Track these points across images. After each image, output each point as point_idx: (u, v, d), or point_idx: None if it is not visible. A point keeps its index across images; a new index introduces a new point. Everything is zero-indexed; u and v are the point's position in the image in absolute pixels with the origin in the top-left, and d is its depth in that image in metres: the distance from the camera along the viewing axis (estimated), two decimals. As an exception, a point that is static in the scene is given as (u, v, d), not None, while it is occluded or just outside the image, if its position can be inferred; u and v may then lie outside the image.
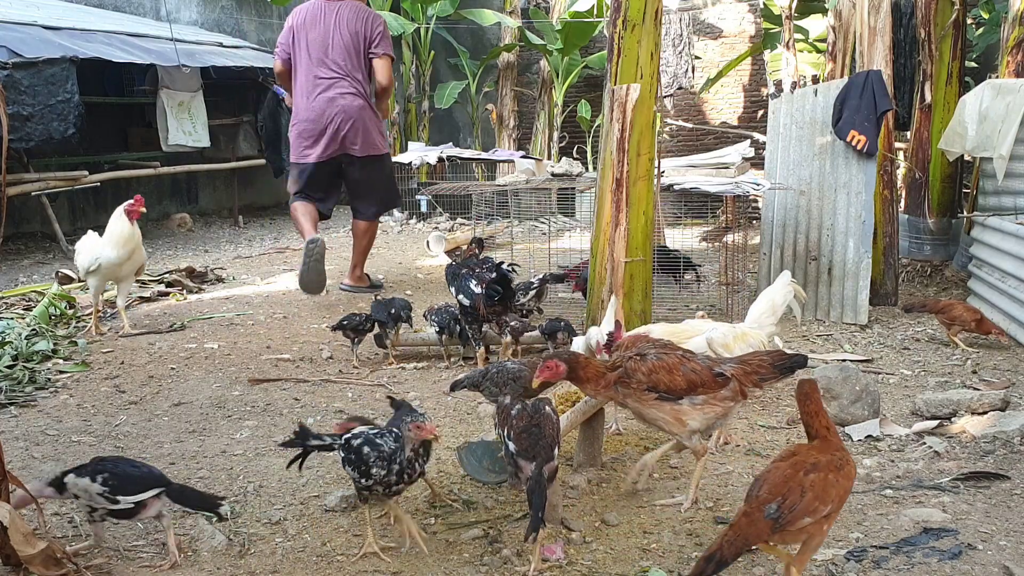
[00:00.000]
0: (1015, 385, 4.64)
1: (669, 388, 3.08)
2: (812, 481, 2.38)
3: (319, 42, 6.53)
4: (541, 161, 11.27)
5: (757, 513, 2.34)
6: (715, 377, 3.10)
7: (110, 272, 5.64)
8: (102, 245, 5.65)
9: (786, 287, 4.55)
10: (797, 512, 2.34)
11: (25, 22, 8.59)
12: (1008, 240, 5.77)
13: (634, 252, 4.95)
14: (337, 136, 6.56)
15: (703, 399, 3.10)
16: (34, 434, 4.01)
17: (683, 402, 3.10)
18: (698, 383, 3.08)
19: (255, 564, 2.86)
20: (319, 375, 4.93)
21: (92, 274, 5.60)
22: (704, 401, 3.10)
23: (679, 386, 3.08)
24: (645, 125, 4.93)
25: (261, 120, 11.37)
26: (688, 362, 3.13)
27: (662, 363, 3.10)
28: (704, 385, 3.09)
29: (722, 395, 3.12)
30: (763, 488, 2.39)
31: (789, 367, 3.16)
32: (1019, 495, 3.27)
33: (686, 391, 3.08)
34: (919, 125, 7.84)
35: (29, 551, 2.59)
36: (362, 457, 2.80)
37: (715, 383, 3.10)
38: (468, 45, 14.38)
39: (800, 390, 2.61)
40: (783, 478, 2.40)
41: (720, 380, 3.10)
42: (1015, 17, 7.36)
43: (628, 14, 4.89)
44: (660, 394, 3.08)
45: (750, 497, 2.41)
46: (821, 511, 2.37)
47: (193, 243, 10.02)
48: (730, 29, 14.57)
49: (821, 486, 2.38)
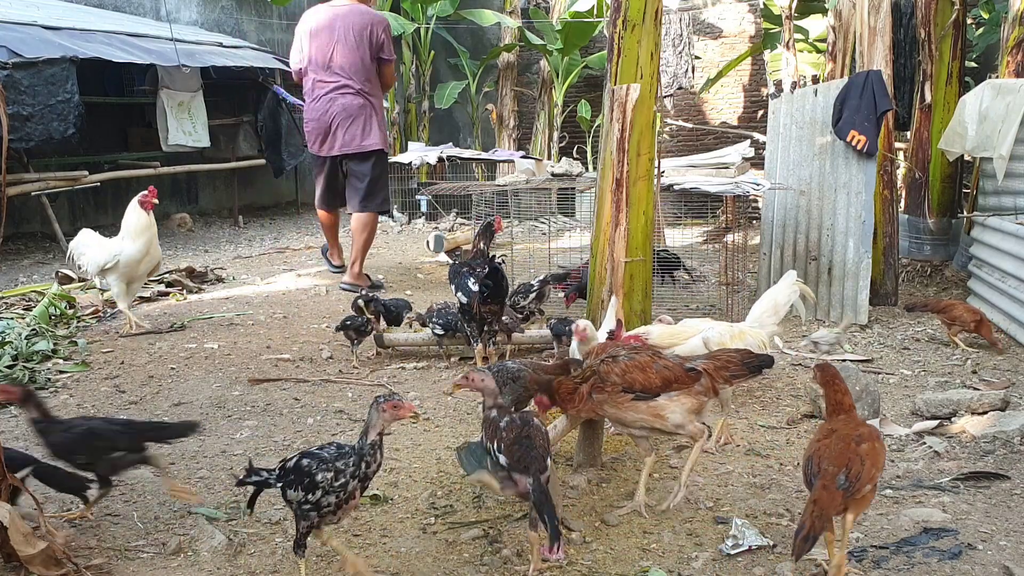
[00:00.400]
0: (1015, 385, 4.64)
1: (644, 387, 3.11)
2: (865, 451, 2.55)
3: (324, 48, 6.77)
4: (541, 161, 11.26)
5: (831, 485, 2.47)
6: (687, 372, 3.15)
7: (130, 269, 5.49)
8: (120, 239, 5.51)
9: (791, 287, 4.55)
10: (862, 480, 2.49)
11: (25, 22, 8.58)
12: (1008, 240, 5.77)
13: (634, 252, 4.95)
14: (338, 133, 6.86)
15: (678, 393, 3.14)
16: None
17: (659, 399, 3.13)
18: (672, 379, 3.13)
19: (255, 564, 2.86)
20: (319, 375, 4.93)
21: (110, 272, 5.45)
22: (679, 395, 3.15)
23: (654, 383, 3.11)
24: (645, 125, 4.93)
25: (261, 120, 11.38)
26: (659, 359, 3.18)
27: (634, 362, 3.14)
28: (678, 381, 3.13)
29: (695, 389, 3.16)
30: (825, 462, 2.53)
31: (757, 366, 3.22)
32: (1019, 495, 3.27)
33: (661, 388, 3.12)
34: (919, 125, 7.84)
35: (29, 551, 2.59)
36: (301, 470, 2.54)
37: (688, 378, 3.14)
38: (468, 45, 14.38)
39: (825, 374, 2.83)
40: (840, 451, 2.54)
41: (692, 375, 3.15)
42: (1015, 17, 7.36)
43: (628, 14, 4.88)
44: (636, 394, 3.11)
45: (815, 473, 2.53)
46: (876, 478, 2.56)
47: (193, 243, 10.02)
48: (730, 29, 14.57)
49: (872, 455, 2.55)
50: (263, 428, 4.12)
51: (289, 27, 13.47)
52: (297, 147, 11.71)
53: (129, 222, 5.59)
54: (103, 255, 5.51)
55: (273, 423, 4.19)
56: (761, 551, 2.87)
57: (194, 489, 3.32)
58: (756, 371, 3.25)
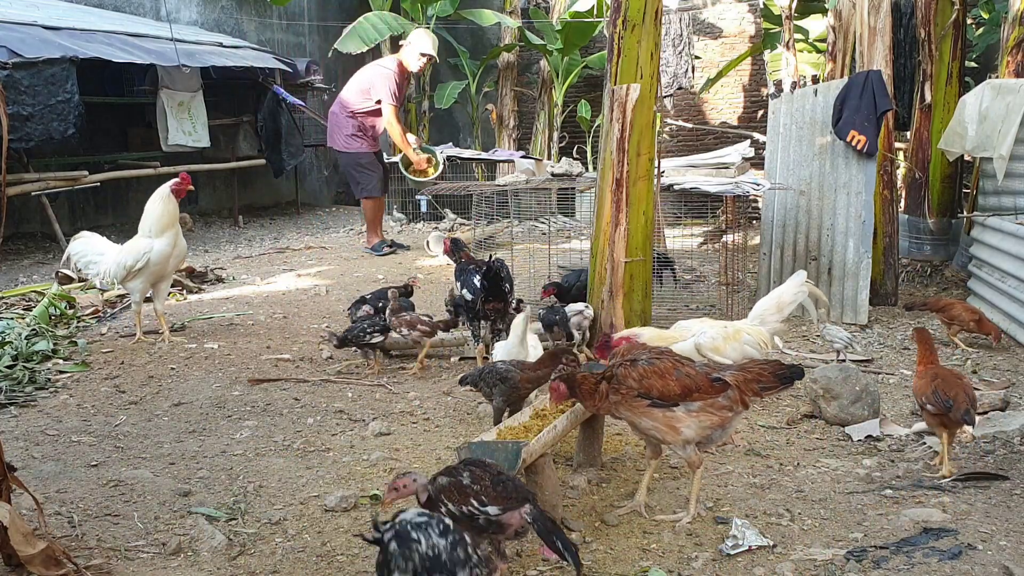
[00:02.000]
0: (1015, 385, 4.64)
1: (662, 394, 2.98)
2: (968, 383, 3.62)
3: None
4: (541, 161, 11.25)
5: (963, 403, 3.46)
6: (712, 383, 3.00)
7: (160, 267, 5.08)
8: (145, 236, 5.07)
9: (799, 287, 4.41)
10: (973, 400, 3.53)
11: (25, 22, 8.58)
12: (1008, 240, 5.77)
13: (634, 252, 4.95)
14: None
15: (699, 406, 2.99)
16: (34, 434, 4.01)
17: (677, 409, 2.99)
18: (693, 388, 2.98)
19: (255, 564, 2.86)
20: (319, 375, 4.93)
21: (138, 274, 5.06)
22: (700, 408, 2.99)
23: (672, 391, 2.98)
24: (645, 125, 4.93)
25: (261, 120, 11.37)
26: (683, 367, 3.04)
27: (653, 368, 3.00)
28: (700, 390, 2.98)
29: (719, 403, 3.01)
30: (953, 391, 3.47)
31: (789, 377, 3.09)
32: (1019, 495, 3.27)
33: (680, 396, 2.98)
34: (919, 125, 7.84)
35: (29, 551, 2.59)
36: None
37: (712, 388, 2.99)
38: (468, 45, 14.36)
39: (921, 334, 3.82)
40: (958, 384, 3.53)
41: (717, 385, 3.00)
42: (1015, 17, 7.36)
43: (628, 14, 4.89)
44: (653, 400, 2.98)
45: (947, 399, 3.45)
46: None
47: (193, 243, 10.01)
48: (730, 29, 14.56)
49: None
50: (263, 428, 4.12)
51: (289, 27, 13.48)
52: (297, 147, 11.71)
53: (154, 214, 5.13)
54: (130, 257, 5.09)
55: (273, 423, 4.18)
56: (761, 551, 2.87)
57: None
58: (788, 382, 3.10)
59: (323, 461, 3.71)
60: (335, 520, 3.16)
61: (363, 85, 8.55)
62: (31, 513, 2.94)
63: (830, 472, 3.59)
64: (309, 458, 3.76)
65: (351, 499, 3.26)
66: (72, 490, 3.37)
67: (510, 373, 3.64)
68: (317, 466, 3.65)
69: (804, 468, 3.64)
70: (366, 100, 8.52)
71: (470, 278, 4.88)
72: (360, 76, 8.69)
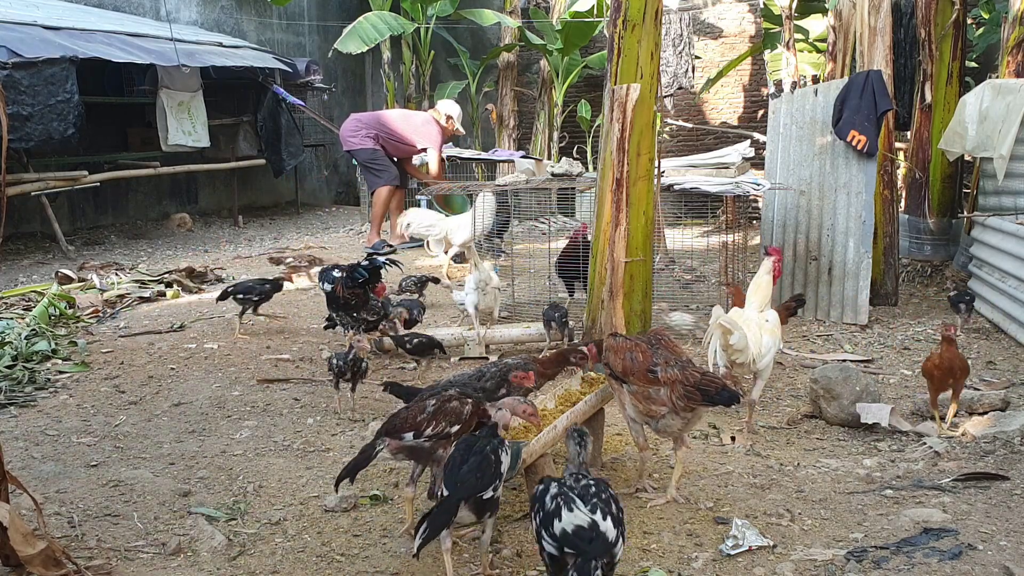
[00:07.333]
0: (1015, 385, 4.64)
1: (612, 369, 3.25)
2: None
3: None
4: (541, 161, 11.24)
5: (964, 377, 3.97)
6: (646, 372, 3.16)
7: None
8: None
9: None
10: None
11: (25, 22, 8.58)
12: (1008, 240, 5.77)
13: (634, 252, 4.95)
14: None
15: (635, 389, 3.18)
16: (34, 434, 4.00)
17: (626, 386, 3.22)
18: (630, 370, 3.19)
19: (255, 564, 2.86)
20: (319, 375, 4.93)
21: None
22: (635, 392, 3.19)
23: (617, 368, 3.23)
24: (645, 125, 4.93)
25: (261, 120, 11.37)
26: (637, 351, 3.19)
27: (616, 343, 3.28)
28: (633, 374, 3.18)
29: (649, 394, 3.14)
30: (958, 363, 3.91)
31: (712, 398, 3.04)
32: (1019, 495, 3.27)
33: (622, 374, 3.21)
34: (919, 125, 7.84)
35: (29, 551, 2.59)
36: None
37: (644, 378, 3.16)
38: (468, 45, 14.36)
39: (948, 331, 3.97)
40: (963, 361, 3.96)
41: (649, 377, 3.14)
42: (1015, 17, 7.36)
43: (628, 14, 4.89)
44: (611, 373, 3.26)
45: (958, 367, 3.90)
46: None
47: (193, 243, 10.01)
48: (730, 29, 14.56)
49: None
50: (263, 428, 4.12)
51: (289, 27, 13.47)
52: (297, 147, 11.70)
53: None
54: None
55: (273, 423, 4.18)
56: (761, 551, 2.87)
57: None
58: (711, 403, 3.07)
59: (323, 461, 3.71)
60: (335, 520, 3.16)
61: (413, 123, 9.30)
62: (31, 513, 2.93)
63: (830, 472, 3.59)
64: (309, 458, 3.76)
65: (351, 499, 3.26)
66: (72, 490, 3.37)
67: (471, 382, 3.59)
68: (317, 466, 3.65)
69: (804, 468, 3.64)
70: (406, 135, 9.17)
71: (329, 272, 5.06)
72: (410, 115, 9.63)
